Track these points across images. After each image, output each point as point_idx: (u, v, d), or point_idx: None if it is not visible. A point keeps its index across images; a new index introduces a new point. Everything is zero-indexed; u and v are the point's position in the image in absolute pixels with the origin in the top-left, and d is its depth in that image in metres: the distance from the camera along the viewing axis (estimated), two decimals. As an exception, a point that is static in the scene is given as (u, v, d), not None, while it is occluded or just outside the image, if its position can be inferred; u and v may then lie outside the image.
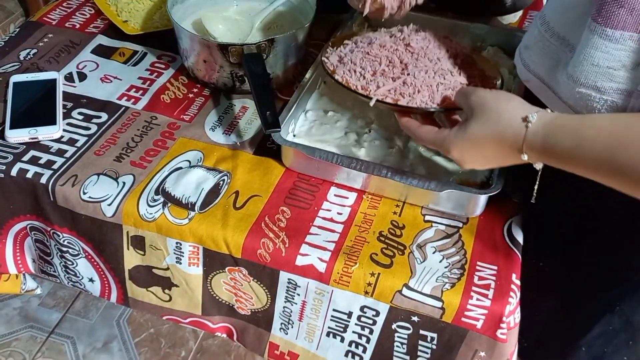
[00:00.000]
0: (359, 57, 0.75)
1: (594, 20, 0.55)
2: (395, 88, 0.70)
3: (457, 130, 0.61)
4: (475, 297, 0.68)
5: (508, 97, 0.59)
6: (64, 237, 0.80)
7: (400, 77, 0.71)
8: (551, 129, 0.54)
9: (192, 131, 0.86)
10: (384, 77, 0.72)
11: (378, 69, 0.72)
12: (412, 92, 0.70)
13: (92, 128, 0.85)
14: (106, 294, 0.86)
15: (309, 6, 0.94)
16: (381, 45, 0.76)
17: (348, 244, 0.72)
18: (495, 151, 0.58)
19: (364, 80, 0.72)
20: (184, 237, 0.74)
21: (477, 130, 0.58)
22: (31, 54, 0.97)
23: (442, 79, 0.72)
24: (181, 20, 0.93)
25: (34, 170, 0.78)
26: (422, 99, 0.69)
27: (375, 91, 0.70)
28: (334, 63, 0.76)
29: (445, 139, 0.62)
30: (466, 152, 0.61)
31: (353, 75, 0.73)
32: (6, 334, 1.51)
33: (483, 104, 0.59)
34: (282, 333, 0.80)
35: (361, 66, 0.74)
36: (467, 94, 0.62)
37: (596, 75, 0.57)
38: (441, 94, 0.70)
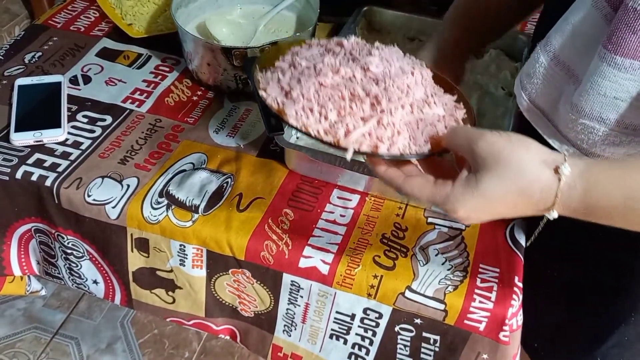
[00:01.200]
0: (312, 90, 0.56)
1: (604, 47, 0.52)
2: (369, 131, 0.54)
3: (465, 186, 0.50)
4: (478, 299, 0.68)
5: (525, 143, 0.49)
6: (68, 240, 0.81)
7: (372, 116, 0.55)
8: (592, 180, 0.46)
9: (195, 134, 0.86)
10: (352, 117, 0.55)
11: (343, 107, 0.55)
12: (390, 134, 0.54)
13: (96, 131, 0.85)
14: (110, 296, 0.86)
15: (312, 9, 0.95)
16: (333, 70, 0.58)
17: (351, 246, 0.73)
18: (515, 208, 0.49)
19: (327, 122, 0.55)
20: (188, 239, 0.75)
21: (494, 186, 0.48)
22: (36, 57, 0.98)
23: (420, 114, 0.57)
24: (185, 24, 0.93)
25: (38, 173, 0.78)
26: (403, 142, 0.55)
27: (346, 137, 0.53)
28: (277, 99, 0.57)
29: (450, 196, 0.50)
30: (478, 212, 0.50)
31: (310, 115, 0.55)
32: (10, 334, 1.52)
33: (497, 154, 0.48)
34: (285, 335, 0.80)
35: (319, 103, 0.56)
36: (471, 139, 0.50)
37: (602, 106, 0.54)
38: (422, 132, 0.56)
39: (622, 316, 0.72)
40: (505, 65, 0.98)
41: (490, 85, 0.94)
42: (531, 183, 0.47)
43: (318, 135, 0.54)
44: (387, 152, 0.54)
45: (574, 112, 0.56)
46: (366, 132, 0.54)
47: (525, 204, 0.48)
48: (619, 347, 0.74)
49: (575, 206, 0.47)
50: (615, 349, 0.74)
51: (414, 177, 0.53)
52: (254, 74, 0.61)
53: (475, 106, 0.92)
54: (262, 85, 0.59)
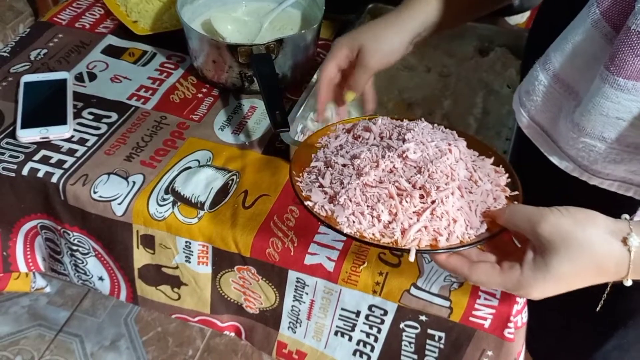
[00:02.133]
0: (357, 191, 0.55)
1: (606, 68, 0.51)
2: (425, 226, 0.54)
3: (535, 270, 0.50)
4: (483, 296, 0.68)
5: (590, 218, 0.49)
6: (74, 236, 0.81)
7: (424, 209, 0.54)
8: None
9: (201, 131, 0.86)
10: (404, 214, 0.54)
11: (394, 205, 0.54)
12: (446, 224, 0.54)
13: (102, 128, 0.86)
14: (115, 292, 0.87)
15: (317, 7, 0.95)
16: (372, 165, 0.57)
17: (356, 243, 0.73)
18: (591, 281, 0.50)
19: (380, 224, 0.54)
20: (194, 236, 0.75)
21: (566, 267, 0.49)
22: (41, 54, 0.98)
23: (470, 195, 0.56)
24: (190, 21, 0.94)
25: (44, 169, 0.79)
26: (460, 229, 0.54)
27: (403, 237, 0.53)
28: (324, 207, 0.56)
29: (521, 281, 0.51)
30: (550, 291, 0.51)
31: (362, 220, 0.54)
32: (15, 332, 1.53)
33: (564, 235, 0.48)
34: (290, 332, 0.81)
35: (368, 205, 0.55)
36: (533, 221, 0.50)
37: (603, 126, 0.53)
38: (476, 213, 0.55)
39: (621, 319, 0.72)
40: (510, 63, 0.98)
41: (495, 84, 0.94)
42: (605, 259, 0.48)
43: (374, 239, 0.54)
44: (447, 244, 0.53)
45: (575, 130, 0.56)
46: (422, 227, 0.54)
47: (600, 277, 0.50)
48: (619, 349, 0.74)
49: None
50: (615, 352, 0.74)
51: (479, 264, 0.54)
52: (292, 181, 0.60)
53: (480, 104, 0.92)
54: (304, 194, 0.58)
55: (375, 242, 0.54)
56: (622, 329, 0.72)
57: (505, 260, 0.53)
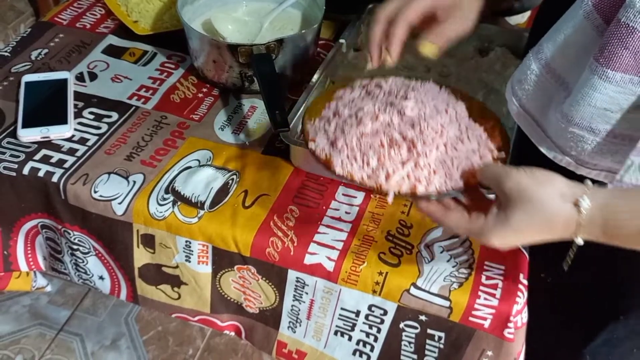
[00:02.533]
0: (354, 139, 0.63)
1: (595, 59, 0.52)
2: (407, 174, 0.61)
3: (496, 220, 0.55)
4: (483, 296, 0.68)
5: (549, 179, 0.53)
6: (74, 235, 0.81)
7: (409, 159, 0.61)
8: (610, 212, 0.50)
9: (201, 131, 0.86)
10: (391, 162, 0.61)
11: (382, 153, 0.61)
12: (427, 174, 0.60)
13: (102, 127, 0.86)
14: (116, 292, 0.87)
15: (318, 7, 0.95)
16: (372, 118, 0.64)
17: (356, 243, 0.73)
18: (544, 236, 0.54)
19: (369, 168, 0.61)
20: (194, 235, 0.75)
21: (521, 220, 0.53)
22: (42, 54, 0.98)
23: (454, 151, 0.63)
24: (191, 21, 0.94)
25: (45, 169, 0.79)
26: (439, 180, 0.60)
27: (387, 181, 0.60)
28: (325, 149, 0.64)
29: (483, 229, 0.56)
30: (509, 240, 0.56)
31: (354, 163, 0.62)
32: (15, 331, 1.53)
33: (522, 191, 0.53)
34: (290, 331, 0.81)
35: (361, 151, 0.62)
36: (499, 178, 0.55)
37: (592, 117, 0.54)
38: (457, 168, 0.61)
39: (611, 314, 0.72)
40: (510, 63, 0.98)
41: (495, 83, 0.94)
42: (553, 216, 0.52)
43: (362, 181, 0.61)
44: (424, 192, 0.60)
45: (564, 120, 0.57)
46: (405, 175, 0.60)
47: (551, 233, 0.53)
48: (608, 345, 0.74)
49: (596, 234, 0.51)
50: (605, 347, 0.74)
51: (451, 211, 0.60)
52: (303, 124, 0.69)
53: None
54: (311, 136, 0.66)
55: (362, 184, 0.61)
56: (612, 324, 0.72)
57: (474, 211, 0.58)
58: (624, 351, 0.74)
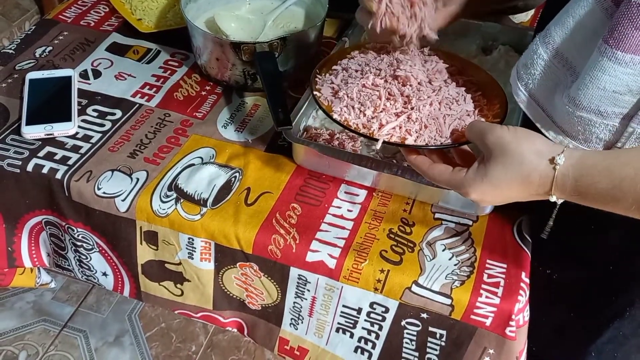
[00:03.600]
0: (355, 90, 0.67)
1: (604, 41, 0.52)
2: (400, 125, 0.64)
3: (476, 173, 0.56)
4: (485, 294, 0.68)
5: (529, 137, 0.55)
6: (78, 232, 0.82)
7: (403, 112, 0.65)
8: (582, 170, 0.51)
9: (204, 128, 0.87)
10: (386, 113, 0.65)
11: (379, 105, 0.65)
12: (418, 128, 0.64)
13: (106, 125, 0.86)
14: (119, 288, 0.87)
15: (321, 5, 0.95)
16: (376, 74, 0.68)
17: (358, 241, 0.73)
18: (520, 192, 0.55)
19: (365, 117, 0.65)
20: (196, 232, 0.75)
21: (499, 173, 0.55)
22: (47, 51, 0.98)
23: (448, 110, 0.66)
24: (194, 19, 0.94)
25: (49, 165, 0.79)
26: (429, 134, 0.63)
27: (379, 130, 0.63)
28: (328, 97, 0.68)
29: (463, 181, 0.57)
30: (487, 195, 0.57)
31: (352, 112, 0.66)
32: (20, 327, 1.54)
33: (503, 146, 0.54)
34: (292, 328, 0.81)
35: (359, 101, 0.66)
36: (483, 132, 0.57)
37: (600, 100, 0.54)
38: (449, 126, 0.64)
39: (617, 311, 0.72)
40: (514, 61, 0.97)
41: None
42: (530, 171, 0.53)
43: (356, 127, 0.65)
44: (413, 143, 0.63)
45: (571, 105, 0.57)
46: (397, 126, 0.64)
47: (527, 189, 0.54)
48: (614, 342, 0.74)
49: (569, 191, 0.52)
50: (610, 344, 0.74)
51: (437, 164, 0.61)
52: (312, 77, 0.72)
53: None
54: (317, 86, 0.70)
55: (356, 130, 0.64)
56: (617, 320, 0.72)
57: (458, 166, 0.60)
58: (630, 348, 0.74)
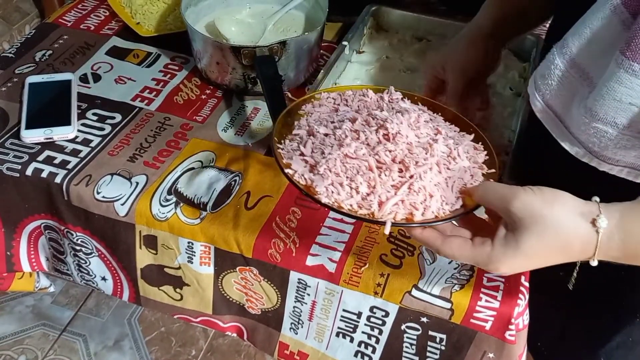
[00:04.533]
0: (338, 162, 0.56)
1: (621, 53, 0.52)
2: (402, 199, 0.55)
3: (505, 246, 0.52)
4: (484, 298, 0.68)
5: (560, 199, 0.51)
6: (77, 236, 0.82)
7: (402, 183, 0.56)
8: (628, 229, 0.49)
9: (204, 132, 0.87)
10: (382, 187, 0.55)
11: (372, 178, 0.55)
12: (423, 199, 0.55)
13: (106, 129, 0.86)
14: (118, 293, 0.87)
15: (321, 9, 0.95)
16: (354, 137, 0.58)
17: (358, 245, 0.73)
18: (558, 259, 0.52)
19: (358, 195, 0.55)
20: (196, 236, 0.75)
21: (534, 244, 0.50)
22: (46, 55, 0.98)
23: (447, 170, 0.58)
24: (194, 23, 0.94)
25: (48, 170, 0.79)
26: (436, 204, 0.55)
27: (380, 210, 0.54)
28: (303, 175, 0.57)
29: (491, 257, 0.52)
30: (520, 267, 0.53)
31: (341, 191, 0.55)
32: (19, 331, 1.53)
33: (533, 212, 0.50)
34: (292, 333, 0.81)
35: (347, 176, 0.56)
36: (505, 198, 0.52)
37: (616, 111, 0.54)
38: (452, 189, 0.57)
39: (627, 316, 0.71)
40: (513, 65, 0.98)
41: (498, 85, 0.94)
42: (571, 238, 0.50)
43: (352, 210, 0.55)
44: (422, 218, 0.55)
45: (587, 115, 0.56)
46: (399, 201, 0.55)
47: (567, 256, 0.51)
48: (624, 348, 0.74)
49: (614, 254, 0.50)
50: (620, 350, 0.74)
51: (451, 238, 0.55)
52: (273, 148, 0.60)
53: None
54: (285, 161, 0.58)
55: (352, 213, 0.55)
56: (628, 325, 0.72)
57: (477, 236, 0.55)
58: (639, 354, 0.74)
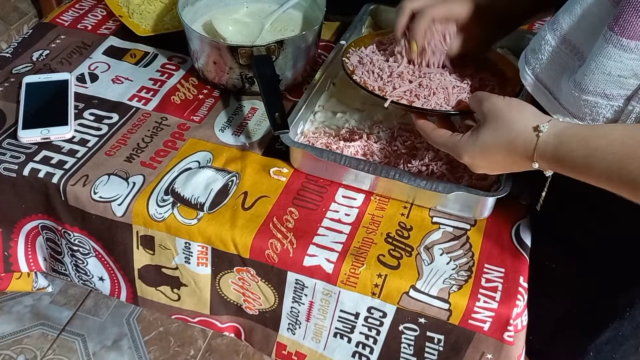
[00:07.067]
0: (378, 59, 0.76)
1: (610, 28, 0.54)
2: (410, 90, 0.71)
3: (469, 136, 0.62)
4: (483, 299, 0.68)
5: (521, 106, 0.59)
6: (74, 236, 0.81)
7: (416, 79, 0.73)
8: (562, 138, 0.55)
9: (201, 132, 0.86)
10: (400, 79, 0.73)
11: (395, 71, 0.74)
12: (427, 94, 0.71)
13: (103, 128, 0.86)
14: (116, 293, 0.87)
15: (319, 8, 0.95)
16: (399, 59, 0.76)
17: (355, 245, 0.73)
18: (506, 158, 0.60)
19: (381, 81, 0.73)
20: (193, 237, 0.75)
21: (488, 137, 0.60)
22: (44, 55, 0.98)
23: (459, 82, 0.73)
24: (192, 22, 0.94)
25: (45, 170, 0.79)
26: (437, 101, 0.70)
27: (391, 92, 0.71)
28: (354, 63, 0.77)
29: (457, 143, 0.63)
30: (477, 158, 0.62)
31: (371, 76, 0.74)
32: (17, 331, 1.53)
33: (495, 112, 0.60)
34: (290, 333, 0.81)
35: (379, 67, 0.75)
36: (481, 99, 0.62)
37: (606, 84, 0.56)
38: (456, 97, 0.71)
39: (617, 310, 0.72)
40: (512, 64, 0.97)
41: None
42: (516, 137, 0.58)
43: (372, 89, 0.73)
44: (419, 107, 0.69)
45: (577, 89, 0.59)
46: (408, 90, 0.72)
47: (512, 154, 0.59)
48: (613, 343, 0.74)
49: (548, 158, 0.56)
50: (609, 344, 0.74)
51: (439, 129, 0.67)
52: (345, 50, 0.81)
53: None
54: (348, 55, 0.79)
55: (369, 88, 0.73)
56: (617, 320, 0.72)
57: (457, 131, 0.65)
58: (629, 349, 0.74)
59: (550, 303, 0.78)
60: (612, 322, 0.73)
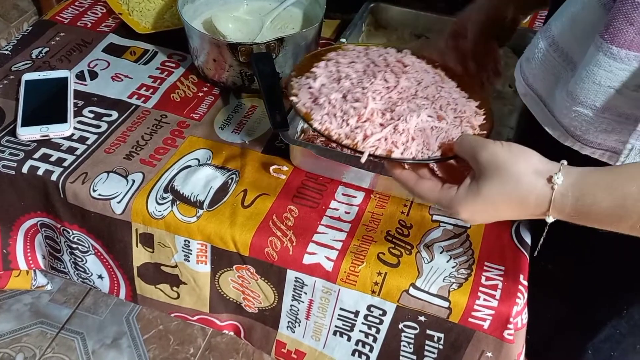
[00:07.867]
0: (337, 97, 0.63)
1: (600, 36, 0.52)
2: (385, 137, 0.60)
3: (467, 191, 0.54)
4: (483, 297, 0.68)
5: (525, 154, 0.53)
6: (73, 234, 0.81)
7: (390, 123, 0.60)
8: (584, 189, 0.49)
9: (201, 130, 0.86)
10: (371, 123, 0.60)
11: (363, 113, 0.61)
12: (405, 140, 0.59)
13: (102, 126, 0.86)
14: (115, 291, 0.87)
15: (319, 6, 0.95)
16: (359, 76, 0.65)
17: (355, 243, 0.72)
18: (515, 212, 0.53)
19: (348, 127, 0.60)
20: (192, 235, 0.75)
21: (493, 192, 0.52)
22: (43, 52, 0.98)
23: (437, 122, 0.62)
24: (191, 20, 0.93)
25: (44, 167, 0.79)
26: (416, 147, 0.59)
27: (363, 142, 0.59)
28: (306, 104, 0.64)
29: (453, 200, 0.55)
30: (478, 214, 0.55)
31: (334, 121, 0.61)
32: (17, 329, 1.53)
33: (497, 163, 0.52)
34: (289, 331, 0.80)
35: (342, 109, 0.62)
36: (474, 148, 0.54)
37: (596, 95, 0.54)
38: (436, 139, 0.60)
39: (615, 308, 0.71)
40: (513, 63, 0.97)
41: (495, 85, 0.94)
42: (527, 192, 0.51)
43: (338, 138, 0.60)
44: (399, 156, 0.58)
45: (569, 99, 0.57)
46: (382, 137, 0.59)
47: (523, 210, 0.52)
48: (611, 341, 0.74)
49: (568, 212, 0.50)
50: (607, 343, 0.74)
51: (424, 180, 0.58)
52: (288, 80, 0.68)
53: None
54: (294, 91, 0.66)
55: (338, 140, 0.60)
56: (615, 318, 0.72)
57: (448, 183, 0.57)
58: (627, 347, 0.74)
59: (548, 302, 0.78)
60: (610, 320, 0.73)
